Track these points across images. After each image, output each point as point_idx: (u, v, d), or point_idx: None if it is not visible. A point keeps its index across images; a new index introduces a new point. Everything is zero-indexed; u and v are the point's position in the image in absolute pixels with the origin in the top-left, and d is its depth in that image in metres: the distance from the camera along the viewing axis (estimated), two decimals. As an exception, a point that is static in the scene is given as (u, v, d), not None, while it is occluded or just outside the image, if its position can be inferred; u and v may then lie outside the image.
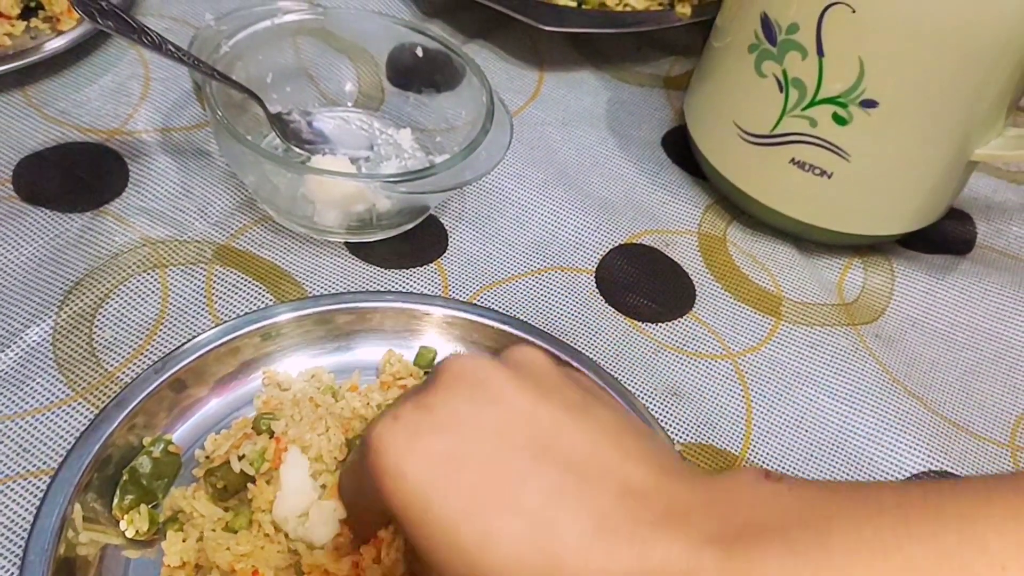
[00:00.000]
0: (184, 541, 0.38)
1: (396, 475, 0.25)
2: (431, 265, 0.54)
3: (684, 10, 0.68)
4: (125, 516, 0.38)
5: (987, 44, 0.48)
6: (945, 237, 0.63)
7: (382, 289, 0.51)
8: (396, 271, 0.53)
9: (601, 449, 0.26)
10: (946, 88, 0.50)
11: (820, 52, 0.50)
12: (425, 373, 0.47)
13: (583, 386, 0.30)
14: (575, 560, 0.23)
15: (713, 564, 0.23)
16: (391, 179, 0.50)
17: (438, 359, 0.47)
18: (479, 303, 0.52)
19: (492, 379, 0.27)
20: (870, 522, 0.23)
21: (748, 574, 0.22)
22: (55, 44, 0.57)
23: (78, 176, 0.53)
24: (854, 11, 0.48)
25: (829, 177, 0.54)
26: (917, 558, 0.21)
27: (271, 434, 0.40)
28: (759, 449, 0.48)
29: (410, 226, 0.54)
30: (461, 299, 0.51)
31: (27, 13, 0.59)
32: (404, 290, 0.52)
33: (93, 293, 0.48)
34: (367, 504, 0.32)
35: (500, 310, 0.50)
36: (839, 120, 0.51)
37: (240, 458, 0.39)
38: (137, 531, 0.38)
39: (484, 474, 0.25)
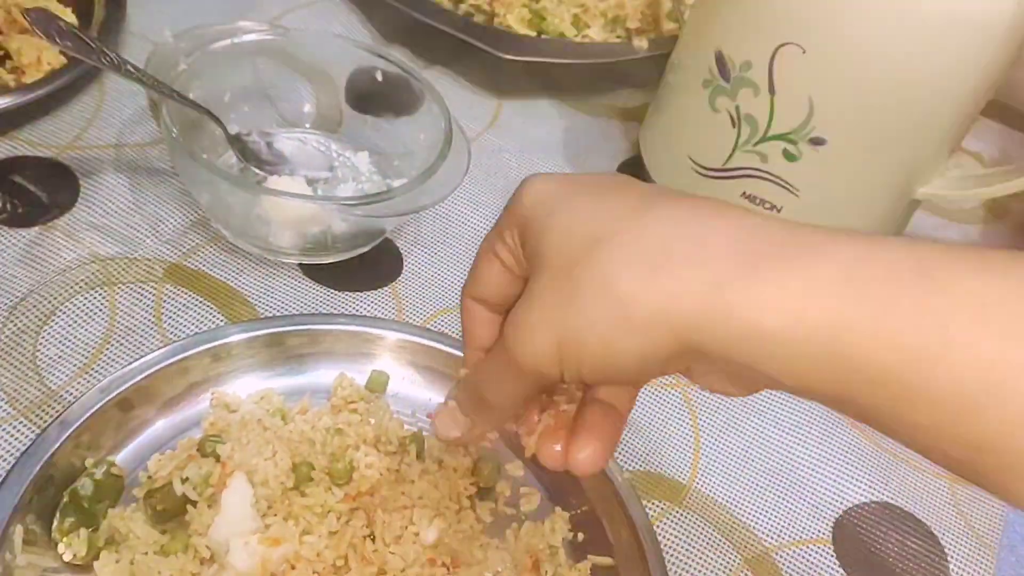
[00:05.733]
0: (117, 563, 0.37)
1: (536, 190, 0.30)
2: (386, 288, 0.53)
3: (642, 43, 0.69)
4: (64, 539, 0.38)
5: (929, 89, 0.49)
6: (889, 272, 0.65)
7: (335, 312, 0.51)
8: (350, 294, 0.52)
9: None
10: (890, 129, 0.51)
11: (772, 90, 0.51)
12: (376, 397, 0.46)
13: None
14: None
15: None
16: (348, 202, 0.50)
17: (390, 384, 0.47)
18: (432, 328, 0.52)
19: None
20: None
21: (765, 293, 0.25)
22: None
23: (27, 190, 0.52)
24: (804, 51, 0.49)
25: (779, 211, 0.55)
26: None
27: (217, 457, 0.40)
28: (706, 478, 0.49)
29: (365, 249, 0.54)
30: (415, 323, 0.51)
31: None
32: (358, 313, 0.52)
33: (38, 309, 0.47)
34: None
35: (454, 335, 0.50)
36: (789, 156, 0.53)
37: (184, 481, 0.39)
38: (75, 555, 0.37)
39: (602, 201, 0.29)
